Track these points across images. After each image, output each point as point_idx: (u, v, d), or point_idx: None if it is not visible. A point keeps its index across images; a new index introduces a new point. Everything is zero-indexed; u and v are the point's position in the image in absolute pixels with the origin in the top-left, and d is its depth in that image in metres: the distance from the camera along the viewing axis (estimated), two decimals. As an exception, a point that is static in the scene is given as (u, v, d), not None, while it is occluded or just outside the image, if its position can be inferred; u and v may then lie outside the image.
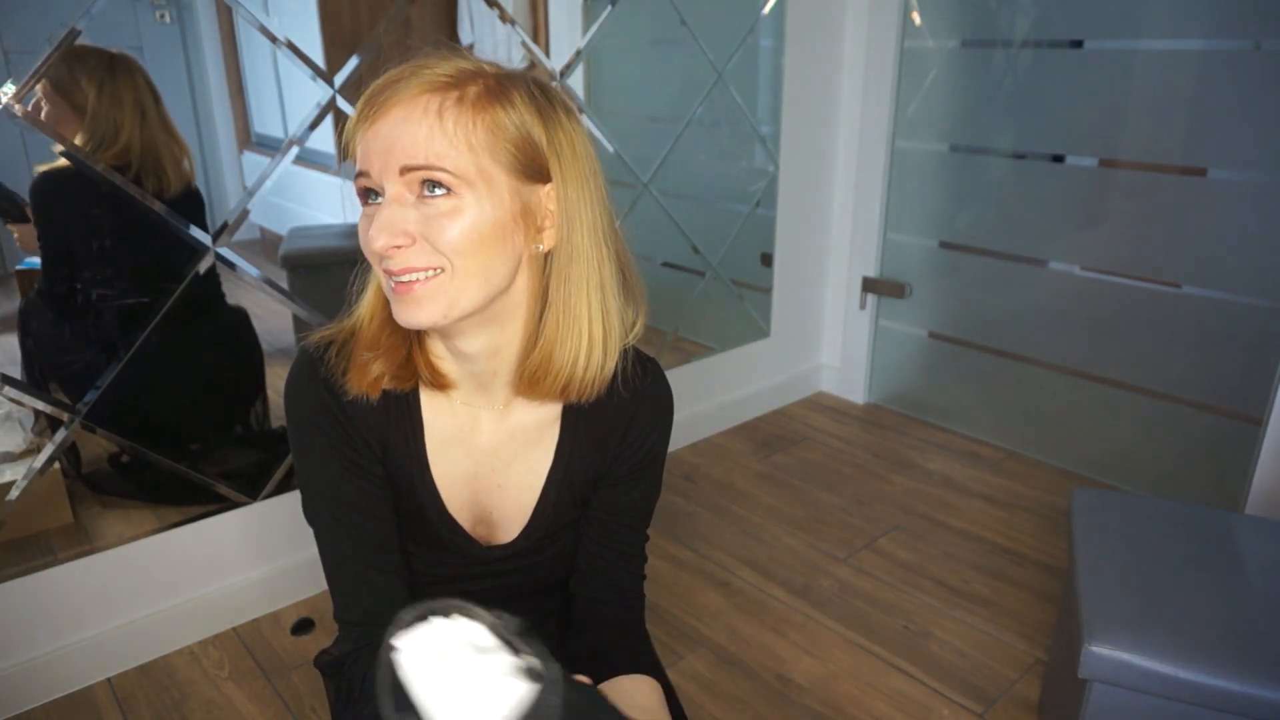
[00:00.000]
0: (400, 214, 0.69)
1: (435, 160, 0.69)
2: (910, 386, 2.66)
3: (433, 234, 0.70)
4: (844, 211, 2.63)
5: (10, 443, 1.44)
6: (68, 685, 1.51)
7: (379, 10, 1.62)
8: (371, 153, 0.70)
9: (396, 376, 0.80)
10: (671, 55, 2.19)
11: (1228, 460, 1.98)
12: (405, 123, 0.69)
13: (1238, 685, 1.05)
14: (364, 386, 0.79)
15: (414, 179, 0.69)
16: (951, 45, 2.31)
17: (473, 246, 0.71)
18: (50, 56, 1.29)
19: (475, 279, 0.72)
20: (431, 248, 0.70)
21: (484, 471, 0.86)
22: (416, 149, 0.69)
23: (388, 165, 0.69)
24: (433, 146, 0.69)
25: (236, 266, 1.54)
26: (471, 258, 0.71)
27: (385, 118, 0.70)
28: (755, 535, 2.01)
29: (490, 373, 0.81)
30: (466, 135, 0.70)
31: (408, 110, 0.69)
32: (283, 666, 1.58)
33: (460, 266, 0.71)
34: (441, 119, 0.69)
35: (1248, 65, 1.84)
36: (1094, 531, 1.33)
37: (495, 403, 0.84)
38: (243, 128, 1.71)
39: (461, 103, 0.70)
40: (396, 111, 0.70)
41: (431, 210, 0.70)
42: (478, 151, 0.70)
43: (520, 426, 0.85)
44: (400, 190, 0.70)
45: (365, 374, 0.78)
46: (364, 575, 0.83)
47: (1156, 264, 2.06)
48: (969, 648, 1.63)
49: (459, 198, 0.70)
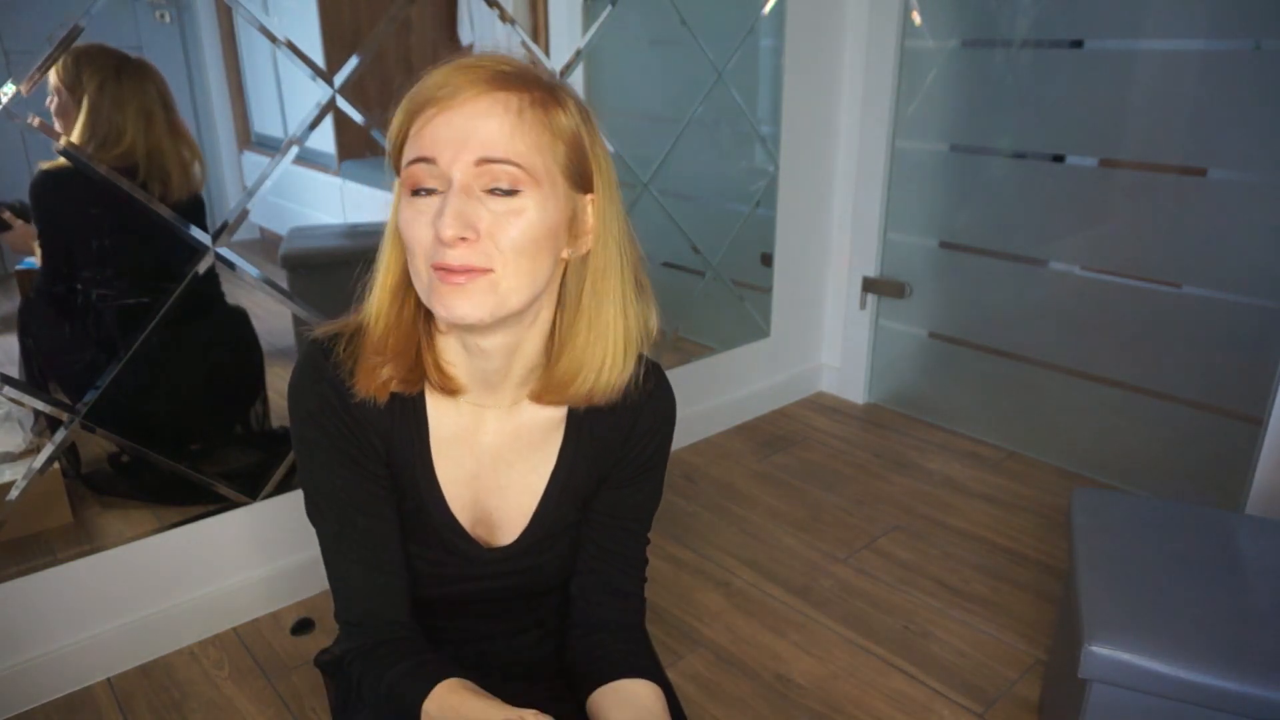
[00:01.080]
0: (471, 207, 0.69)
1: (515, 156, 0.69)
2: (910, 386, 2.66)
3: (496, 232, 0.69)
4: (844, 211, 2.63)
5: (10, 443, 1.44)
6: (68, 685, 1.51)
7: (379, 10, 1.62)
8: (441, 140, 0.69)
9: (405, 380, 0.80)
10: (671, 55, 2.19)
11: (1228, 460, 1.98)
12: (486, 116, 0.69)
13: (1238, 685, 1.05)
14: (372, 390, 0.78)
15: (487, 173, 0.69)
16: (951, 45, 2.31)
17: (529, 249, 0.71)
18: (52, 55, 1.29)
19: (524, 281, 0.72)
20: (489, 248, 0.70)
21: (486, 472, 0.86)
22: (497, 142, 0.68)
23: (461, 155, 0.68)
24: (514, 144, 0.69)
25: (236, 266, 1.54)
26: (525, 260, 0.71)
27: (461, 108, 0.69)
28: (755, 535, 2.01)
29: (502, 373, 0.81)
30: (538, 136, 0.71)
31: (488, 104, 0.69)
32: (283, 666, 1.58)
33: (512, 268, 0.71)
34: (521, 116, 0.70)
35: (1248, 65, 1.84)
36: (1094, 531, 1.33)
37: (502, 403, 0.84)
38: (243, 128, 1.71)
39: (535, 104, 0.71)
40: (476, 103, 0.69)
41: (499, 208, 0.70)
42: (544, 153, 0.71)
43: (525, 428, 0.85)
44: (468, 182, 0.69)
45: (374, 377, 0.78)
46: (365, 575, 0.83)
47: (1156, 264, 2.06)
48: (969, 648, 1.63)
49: (524, 199, 0.70)
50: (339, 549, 0.83)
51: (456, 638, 0.93)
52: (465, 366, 0.81)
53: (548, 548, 0.88)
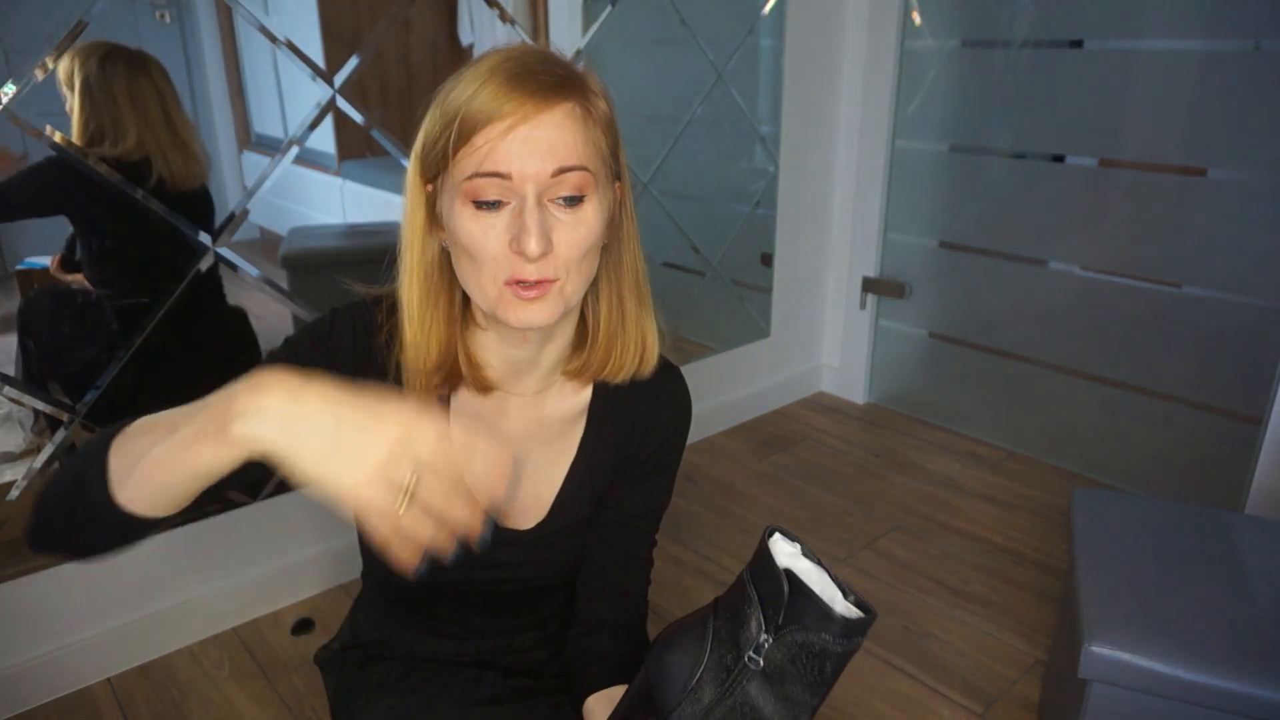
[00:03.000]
0: (547, 219, 0.70)
1: (584, 161, 0.70)
2: (910, 386, 2.66)
3: (564, 241, 0.70)
4: (844, 211, 2.63)
5: (10, 443, 1.44)
6: (68, 685, 1.51)
7: (379, 10, 1.62)
8: (516, 155, 0.68)
9: (446, 383, 0.81)
10: (671, 55, 2.19)
11: (1228, 460, 1.98)
12: (559, 129, 0.69)
13: (1238, 685, 1.05)
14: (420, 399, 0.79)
15: (562, 183, 0.69)
16: (951, 45, 2.31)
17: (590, 253, 0.73)
18: (52, 55, 1.28)
19: (583, 282, 0.74)
20: (558, 260, 0.70)
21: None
22: (571, 151, 0.69)
23: (537, 166, 0.68)
24: (585, 149, 0.70)
25: (237, 266, 1.54)
26: (586, 263, 0.73)
27: (535, 121, 0.68)
28: (755, 535, 2.01)
29: (533, 361, 0.82)
30: (595, 138, 0.72)
31: (559, 116, 0.69)
32: (283, 666, 1.58)
33: (575, 274, 0.72)
34: (584, 123, 0.71)
35: (1248, 65, 1.84)
36: (1094, 531, 1.33)
37: (526, 391, 0.85)
38: (243, 128, 1.71)
39: (584, 99, 0.71)
40: (546, 116, 0.68)
41: (567, 218, 0.70)
42: (599, 152, 0.73)
43: (548, 417, 0.86)
44: (541, 194, 0.69)
45: (425, 393, 0.79)
46: None
47: (1156, 264, 2.06)
48: (969, 648, 1.63)
49: (588, 205, 0.71)
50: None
51: (458, 634, 0.93)
52: (498, 354, 0.82)
53: (559, 540, 0.89)
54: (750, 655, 0.61)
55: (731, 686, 0.62)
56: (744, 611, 0.62)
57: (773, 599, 0.60)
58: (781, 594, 0.59)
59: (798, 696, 0.60)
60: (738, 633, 0.62)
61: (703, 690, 0.63)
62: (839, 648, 0.58)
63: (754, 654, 0.61)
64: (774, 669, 0.60)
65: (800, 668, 0.59)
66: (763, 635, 0.60)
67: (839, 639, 0.58)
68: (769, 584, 0.60)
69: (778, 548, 0.61)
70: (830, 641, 0.58)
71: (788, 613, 0.59)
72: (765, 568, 0.61)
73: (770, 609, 0.60)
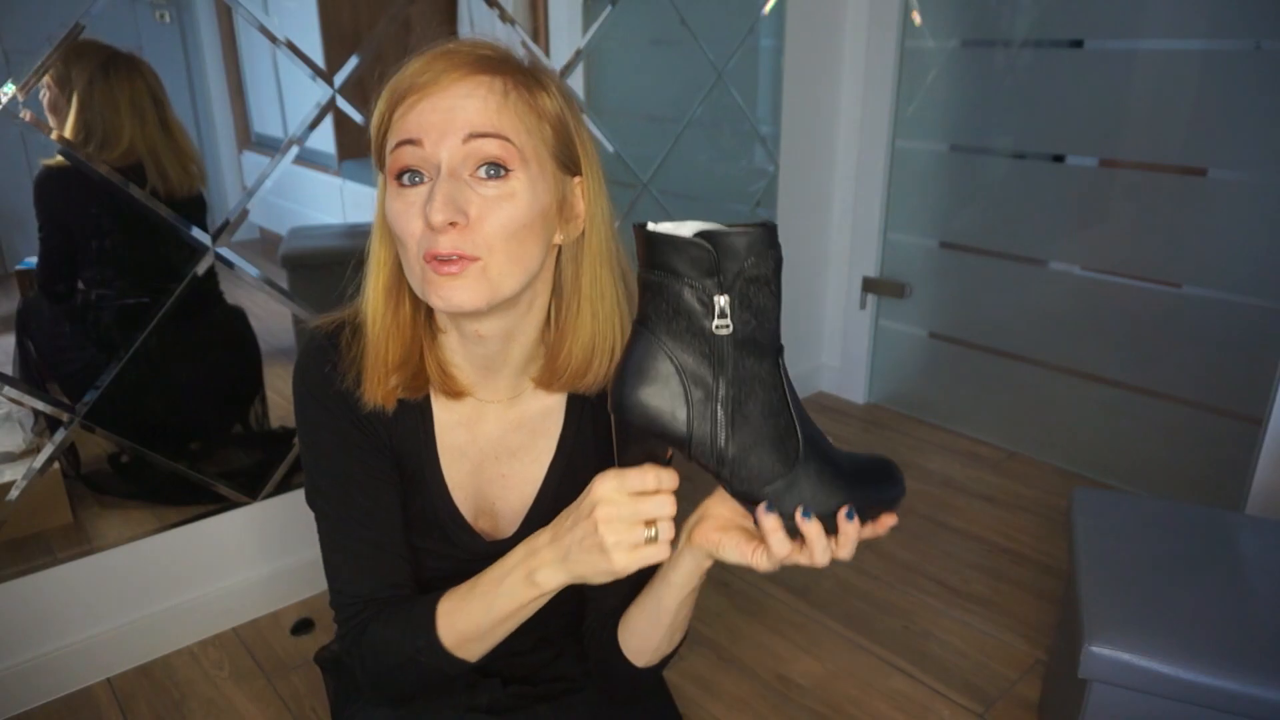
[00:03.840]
0: (461, 191, 0.68)
1: (503, 130, 0.68)
2: (910, 386, 2.65)
3: (486, 217, 0.68)
4: (844, 211, 2.63)
5: (10, 443, 1.44)
6: (68, 685, 1.51)
7: (379, 10, 1.62)
8: (427, 122, 0.68)
9: (410, 387, 0.79)
10: (671, 55, 2.19)
11: (1228, 460, 1.98)
12: (470, 96, 0.68)
13: (1238, 685, 1.05)
14: (379, 399, 0.78)
15: (476, 151, 0.68)
16: (951, 45, 2.31)
17: (518, 233, 0.70)
18: (52, 55, 1.29)
19: (515, 266, 0.71)
20: (477, 235, 0.69)
21: (488, 461, 0.86)
22: (485, 119, 0.68)
23: (448, 133, 0.67)
24: (501, 119, 0.69)
25: (236, 266, 1.54)
26: (515, 244, 0.70)
27: (446, 90, 0.68)
28: (755, 535, 2.01)
29: (501, 357, 0.81)
30: (524, 115, 0.70)
31: (472, 85, 0.68)
32: (283, 666, 1.58)
33: (501, 254, 0.70)
34: (506, 97, 0.69)
35: (1248, 65, 1.84)
36: (1094, 531, 1.33)
37: (502, 393, 0.84)
38: (243, 128, 1.71)
39: (518, 85, 0.70)
40: (460, 85, 0.68)
41: (488, 191, 0.69)
42: (533, 134, 0.71)
43: (526, 417, 0.85)
44: (456, 165, 0.68)
45: (380, 388, 0.78)
46: (372, 553, 0.81)
47: (1156, 264, 2.06)
48: (969, 648, 1.63)
49: (514, 180, 0.69)
50: (343, 530, 0.81)
51: None
52: (464, 354, 0.81)
53: None
54: (716, 325, 0.61)
55: (720, 366, 0.62)
56: (678, 302, 0.61)
57: (700, 266, 0.59)
58: (709, 254, 0.59)
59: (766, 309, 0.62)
60: (689, 323, 0.61)
61: (698, 391, 0.62)
62: (774, 258, 0.60)
63: (719, 321, 0.61)
64: (737, 321, 0.61)
65: (751, 298, 0.61)
66: (717, 300, 0.60)
67: (772, 249, 0.60)
68: (686, 259, 0.59)
69: (663, 228, 0.61)
70: (770, 257, 0.60)
71: (722, 265, 0.59)
72: (669, 250, 0.60)
73: (706, 278, 0.60)
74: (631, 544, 0.65)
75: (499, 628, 0.74)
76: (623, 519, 0.64)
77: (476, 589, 0.74)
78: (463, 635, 0.74)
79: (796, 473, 0.63)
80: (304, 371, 0.81)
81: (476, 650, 0.76)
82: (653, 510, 0.64)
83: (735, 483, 0.64)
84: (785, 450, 0.63)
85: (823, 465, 0.64)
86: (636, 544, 0.65)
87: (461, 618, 0.74)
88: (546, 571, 0.69)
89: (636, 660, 0.82)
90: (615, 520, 0.64)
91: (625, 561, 0.65)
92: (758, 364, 0.62)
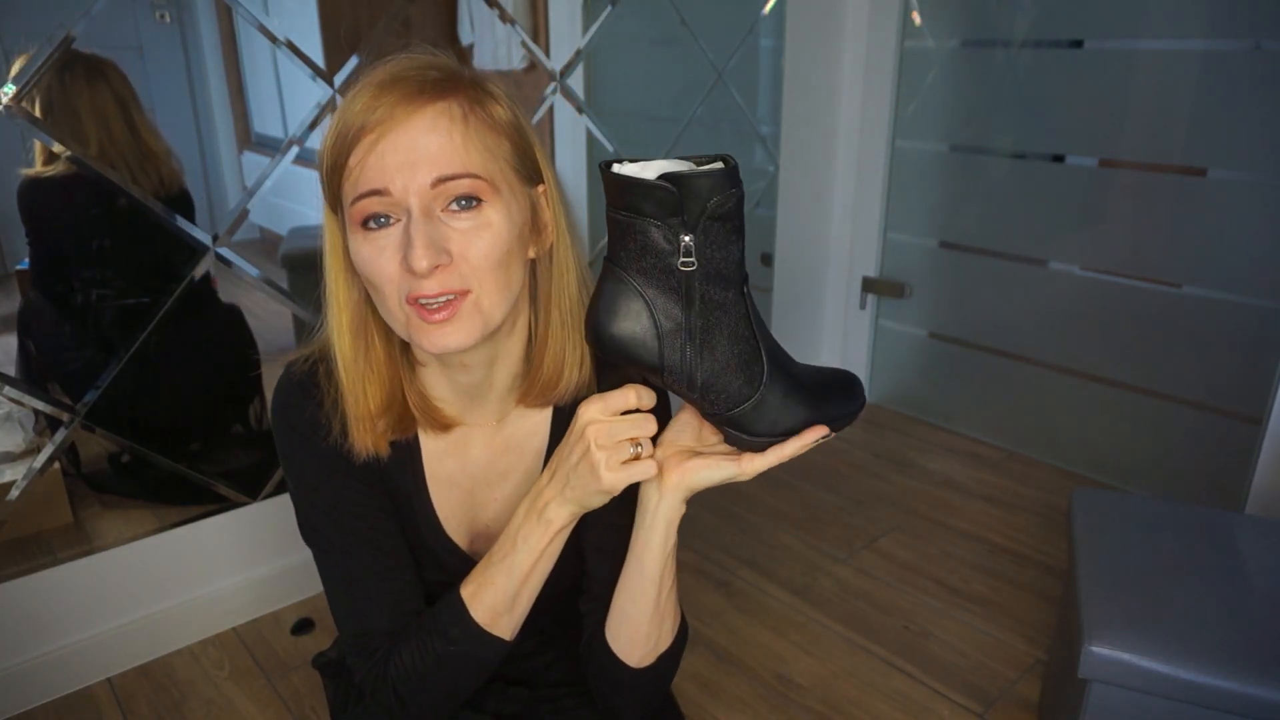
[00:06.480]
0: (438, 230, 0.65)
1: (471, 168, 0.66)
2: (910, 386, 2.65)
3: (467, 250, 0.66)
4: (844, 211, 2.63)
5: (10, 443, 1.44)
6: (68, 685, 1.51)
7: (379, 10, 1.62)
8: (390, 168, 0.64)
9: (398, 429, 0.78)
10: (671, 55, 2.19)
11: (1228, 460, 1.98)
12: (430, 132, 0.65)
13: (1238, 685, 1.05)
14: (370, 447, 0.76)
15: (446, 191, 0.65)
16: (951, 45, 2.31)
17: (500, 261, 0.68)
18: (50, 57, 1.29)
19: (502, 294, 0.70)
20: (462, 269, 0.66)
21: (479, 487, 0.85)
22: (450, 158, 0.65)
23: (414, 179, 0.64)
24: (467, 155, 0.66)
25: (235, 266, 1.54)
26: (500, 272, 0.68)
27: (403, 125, 0.64)
28: (755, 535, 2.01)
29: (486, 384, 0.79)
30: (485, 138, 0.68)
31: (430, 119, 0.65)
32: (283, 666, 1.58)
33: (490, 284, 0.68)
34: (466, 124, 0.66)
35: (1248, 65, 1.84)
36: (1094, 531, 1.33)
37: (489, 417, 0.83)
38: (243, 128, 1.71)
39: (473, 105, 0.67)
40: (416, 120, 0.65)
41: (464, 224, 0.66)
42: (496, 156, 0.68)
43: (514, 439, 0.84)
44: (427, 205, 0.65)
45: (369, 435, 0.76)
46: (379, 583, 0.79)
47: (1156, 264, 2.06)
48: (969, 648, 1.63)
49: (488, 210, 0.67)
50: (348, 561, 0.79)
51: None
52: (447, 384, 0.79)
53: None
54: (682, 263, 0.63)
55: (688, 299, 0.64)
56: (645, 241, 0.63)
57: (665, 207, 0.61)
58: (673, 196, 0.60)
59: (730, 243, 0.64)
60: (657, 260, 0.63)
61: (668, 323, 0.64)
62: (736, 196, 0.62)
63: (685, 259, 0.62)
64: (702, 258, 0.63)
65: (715, 235, 0.62)
66: (683, 239, 0.62)
67: (735, 186, 0.62)
68: (652, 200, 0.61)
69: (627, 169, 0.62)
70: (732, 195, 0.61)
71: (686, 205, 0.61)
72: (635, 191, 0.61)
73: (671, 218, 0.61)
74: (619, 460, 0.67)
75: (524, 590, 0.75)
76: (610, 435, 0.67)
77: (493, 559, 0.76)
78: (493, 609, 0.75)
79: (763, 394, 0.67)
80: (285, 408, 0.79)
81: (507, 625, 0.76)
82: (635, 429, 0.68)
83: (707, 405, 0.67)
84: (752, 374, 0.66)
85: (788, 385, 0.68)
86: (624, 459, 0.68)
87: (488, 592, 0.75)
88: (553, 506, 0.71)
89: (629, 658, 0.79)
90: (604, 438, 0.67)
91: (614, 479, 0.67)
92: (723, 294, 0.64)
